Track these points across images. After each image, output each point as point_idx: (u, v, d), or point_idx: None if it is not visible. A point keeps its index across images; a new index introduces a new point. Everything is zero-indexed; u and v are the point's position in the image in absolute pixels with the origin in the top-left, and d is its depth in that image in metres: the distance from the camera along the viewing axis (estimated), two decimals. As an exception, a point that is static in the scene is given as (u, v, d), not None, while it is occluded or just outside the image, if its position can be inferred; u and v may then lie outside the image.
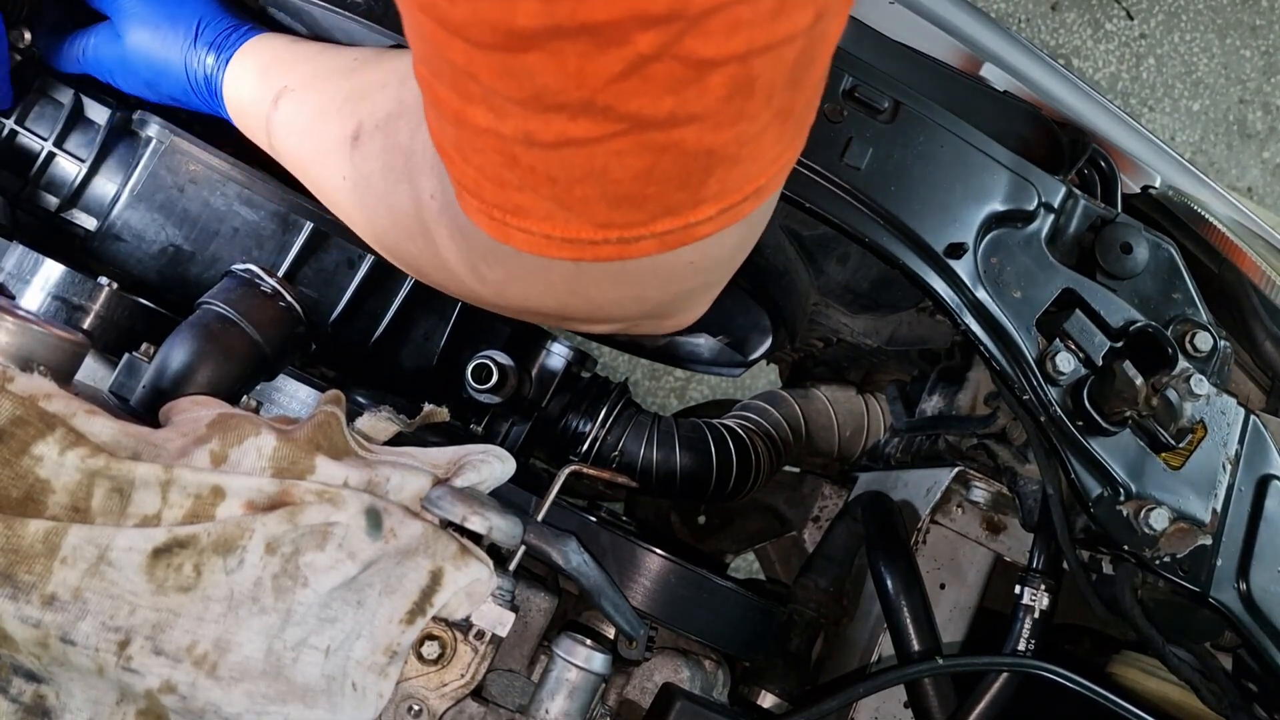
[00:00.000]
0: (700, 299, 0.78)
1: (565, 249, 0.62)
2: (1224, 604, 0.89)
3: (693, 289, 0.74)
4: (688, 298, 0.76)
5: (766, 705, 1.04)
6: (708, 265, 0.70)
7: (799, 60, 0.53)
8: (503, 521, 0.77)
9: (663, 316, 0.78)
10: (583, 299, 0.71)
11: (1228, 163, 3.07)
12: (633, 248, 0.61)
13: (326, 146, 0.82)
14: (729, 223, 0.62)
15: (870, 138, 0.85)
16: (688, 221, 0.60)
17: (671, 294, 0.73)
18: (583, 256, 0.62)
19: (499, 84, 0.52)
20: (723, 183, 0.59)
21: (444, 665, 0.79)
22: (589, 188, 0.57)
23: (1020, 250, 0.88)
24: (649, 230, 0.60)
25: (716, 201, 0.60)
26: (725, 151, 0.56)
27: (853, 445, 1.36)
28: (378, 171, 0.78)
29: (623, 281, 0.68)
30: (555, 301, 0.73)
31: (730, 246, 0.70)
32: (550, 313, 0.76)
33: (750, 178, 0.60)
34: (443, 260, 0.77)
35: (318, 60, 0.88)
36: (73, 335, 0.75)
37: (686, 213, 0.60)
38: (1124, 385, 0.85)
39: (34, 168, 1.01)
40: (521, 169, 0.57)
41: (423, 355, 1.13)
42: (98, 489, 0.67)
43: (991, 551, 1.08)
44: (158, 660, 0.66)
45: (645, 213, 0.59)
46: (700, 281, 0.73)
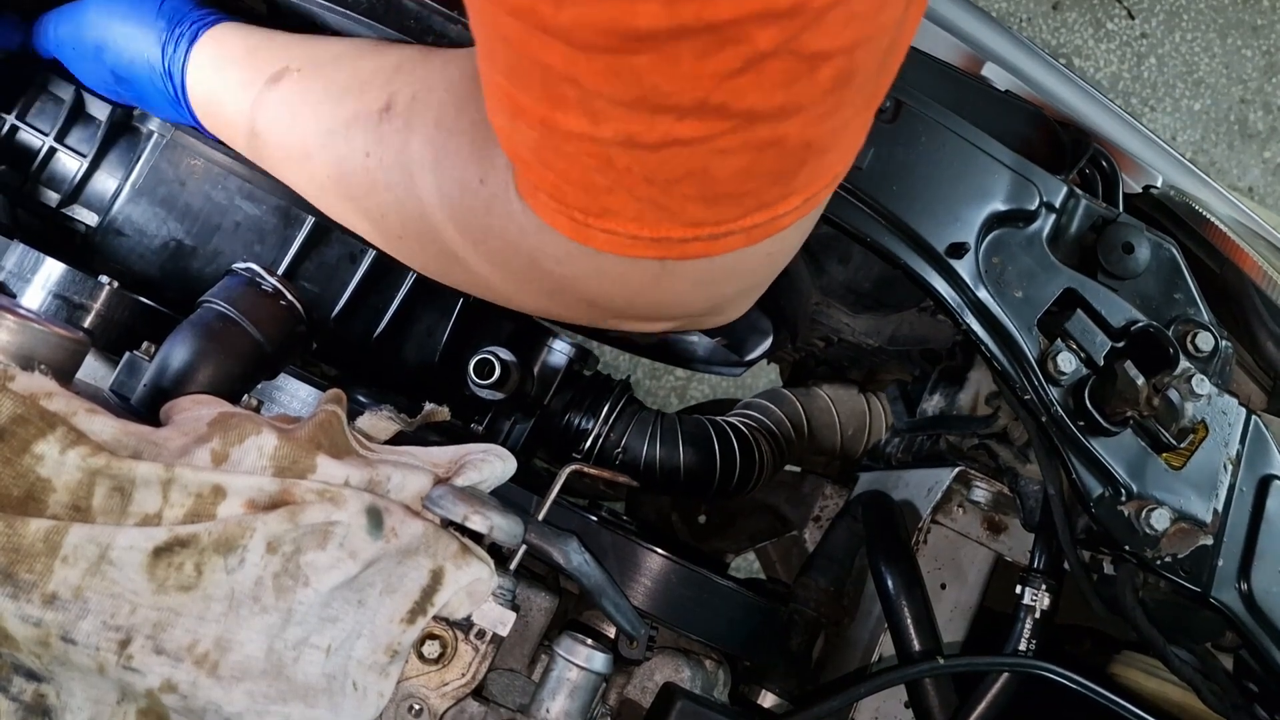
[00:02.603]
0: (756, 293, 0.78)
1: (653, 249, 0.61)
2: (1225, 604, 0.89)
3: (757, 283, 0.74)
4: (748, 292, 0.76)
5: (767, 705, 1.04)
6: (781, 256, 0.71)
7: (890, 48, 0.54)
8: (504, 521, 0.77)
9: (717, 314, 0.77)
10: (652, 296, 0.70)
11: (1229, 162, 3.07)
12: (720, 243, 0.61)
13: (344, 121, 0.78)
14: (808, 212, 0.62)
15: (872, 137, 0.84)
16: (776, 214, 0.60)
17: (740, 288, 0.73)
18: (669, 255, 0.62)
19: (603, 86, 0.51)
20: (812, 173, 0.59)
21: (445, 664, 0.79)
22: (688, 187, 0.56)
23: (1022, 250, 0.88)
24: (739, 225, 0.60)
25: (804, 192, 0.60)
26: (821, 142, 0.56)
27: (854, 444, 1.36)
28: (410, 145, 0.74)
29: (702, 278, 0.68)
30: (624, 300, 0.71)
31: (801, 234, 0.70)
32: (608, 309, 0.74)
33: (834, 165, 0.60)
34: (452, 253, 0.75)
35: (314, 45, 0.85)
36: (74, 334, 0.75)
37: (777, 205, 0.60)
38: (1125, 385, 0.85)
39: (35, 163, 1.01)
40: (616, 172, 0.56)
41: (425, 351, 1.13)
42: (99, 488, 0.67)
43: (992, 551, 1.08)
44: (158, 659, 0.66)
45: (740, 208, 0.59)
46: (768, 273, 0.73)
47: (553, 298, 0.74)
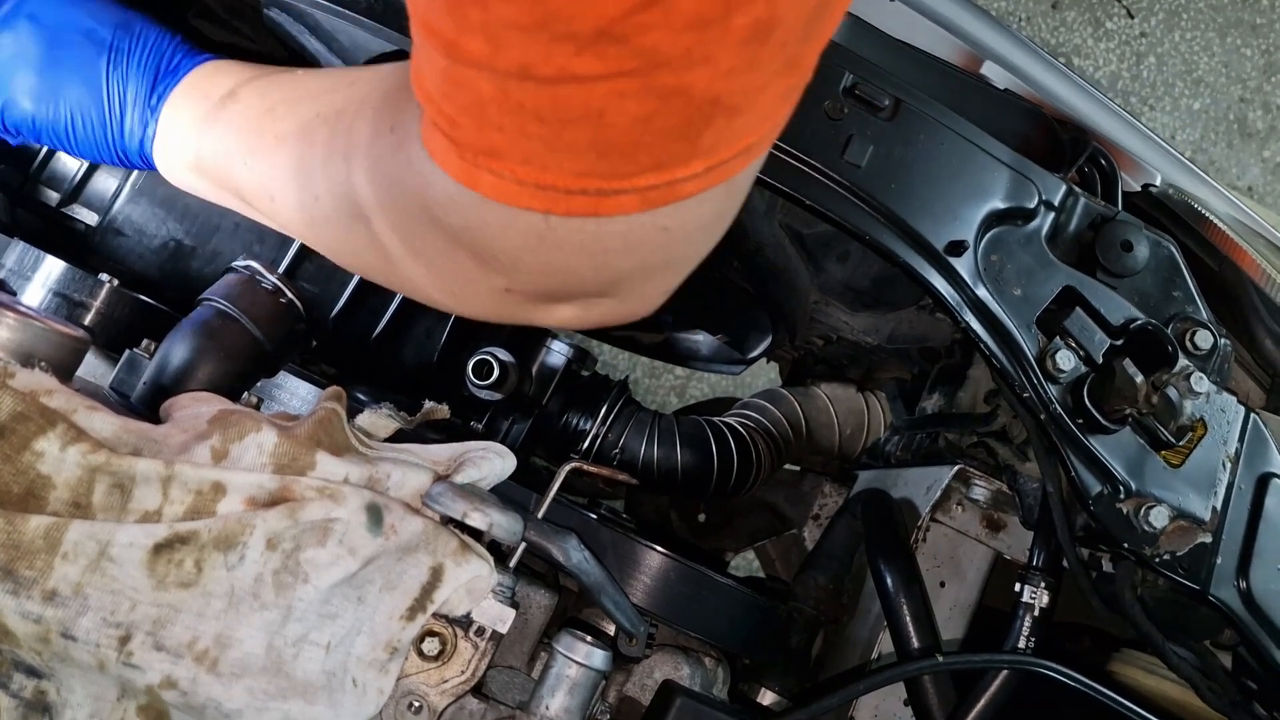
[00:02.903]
0: (660, 281, 0.73)
1: (537, 198, 0.58)
2: (1224, 602, 0.89)
3: (657, 265, 0.69)
4: (649, 276, 0.71)
5: (766, 703, 1.04)
6: (680, 235, 0.65)
7: (819, 9, 0.52)
8: (503, 518, 0.77)
9: (613, 296, 0.72)
10: (537, 257, 0.65)
11: (1228, 161, 3.07)
12: (610, 201, 0.58)
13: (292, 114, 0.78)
14: (714, 182, 0.59)
15: (871, 135, 0.85)
16: (674, 177, 0.57)
17: (635, 265, 0.68)
18: (554, 209, 0.59)
19: (506, 7, 0.49)
20: (720, 135, 0.56)
21: (444, 662, 0.79)
22: (580, 131, 0.54)
23: (1020, 248, 0.88)
24: (632, 184, 0.57)
25: (708, 156, 0.57)
26: (730, 100, 0.54)
27: (853, 443, 1.36)
28: (353, 130, 0.73)
29: (589, 244, 0.63)
30: (508, 259, 0.66)
31: (706, 216, 0.66)
32: (496, 272, 0.69)
33: (745, 132, 0.57)
34: (375, 237, 0.72)
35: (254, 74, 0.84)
36: (74, 331, 0.75)
37: (676, 167, 0.57)
38: (1124, 383, 0.85)
39: (35, 162, 1.01)
40: (509, 105, 0.54)
41: (423, 352, 1.13)
42: (99, 485, 0.67)
43: (991, 549, 1.08)
44: (158, 656, 0.66)
45: (634, 164, 0.56)
46: (667, 256, 0.68)
47: (444, 259, 0.70)
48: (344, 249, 0.78)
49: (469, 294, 0.72)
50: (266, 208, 0.81)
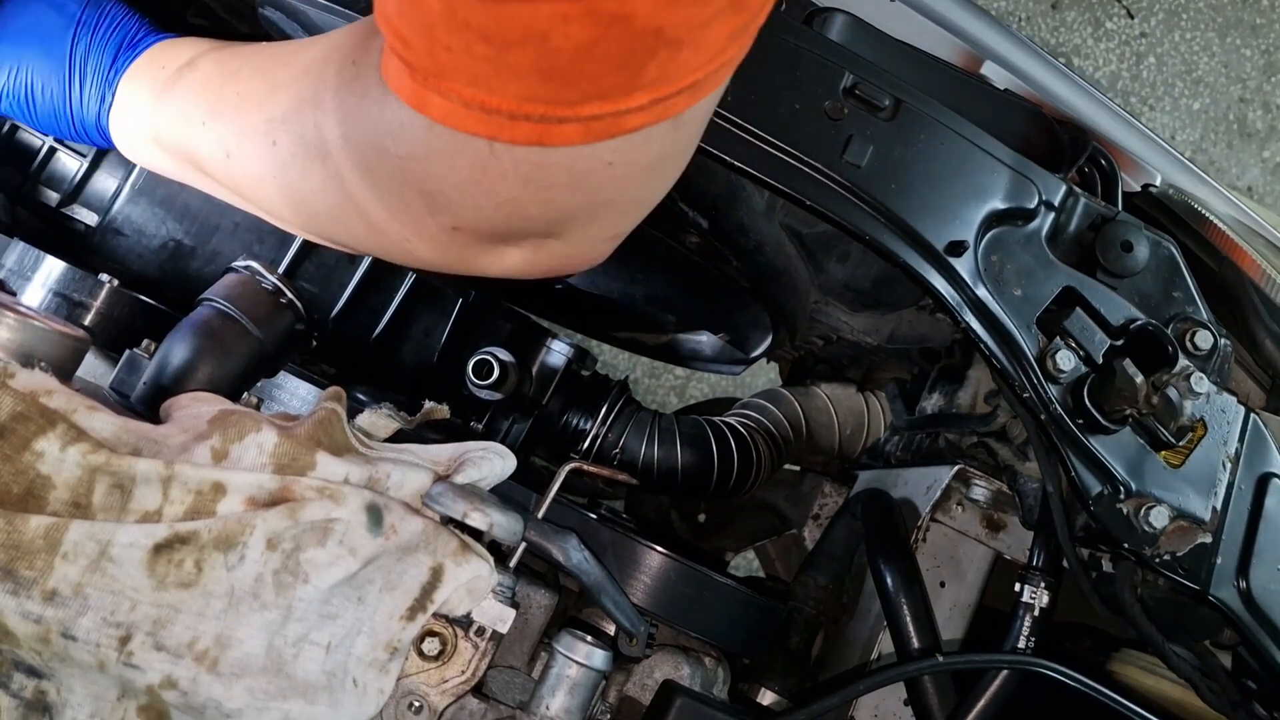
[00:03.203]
0: (607, 223, 0.72)
1: (482, 122, 0.58)
2: (1224, 602, 0.89)
3: (603, 203, 0.68)
4: (595, 215, 0.70)
5: (766, 703, 1.04)
6: (626, 173, 0.65)
7: None
8: (503, 518, 0.77)
9: (559, 235, 0.71)
10: (483, 188, 0.65)
11: (1228, 161, 3.08)
12: (554, 130, 0.58)
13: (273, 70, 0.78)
14: (659, 117, 0.59)
15: (871, 135, 0.85)
16: (619, 108, 0.57)
17: (580, 203, 0.67)
18: (499, 135, 0.59)
19: None
20: (663, 68, 0.56)
21: (445, 662, 0.79)
22: (524, 54, 0.54)
23: (1021, 248, 0.88)
24: (575, 112, 0.57)
25: (652, 89, 0.57)
26: (673, 32, 0.54)
27: (853, 443, 1.36)
28: (323, 77, 0.73)
29: (533, 175, 0.63)
30: (455, 190, 0.66)
31: (652, 155, 0.65)
32: (442, 204, 0.68)
33: (690, 68, 0.57)
34: (342, 181, 0.71)
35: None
36: (74, 331, 0.75)
37: (620, 98, 0.57)
38: (1124, 383, 0.85)
39: (34, 163, 1.01)
40: (456, 23, 0.54)
41: (423, 351, 1.13)
42: (99, 485, 0.67)
43: (991, 549, 1.08)
44: (159, 656, 0.66)
45: (578, 91, 0.56)
46: (613, 195, 0.68)
47: (394, 196, 0.70)
48: (299, 195, 0.77)
49: (418, 235, 0.72)
50: (222, 168, 0.81)
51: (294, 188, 0.76)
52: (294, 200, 0.78)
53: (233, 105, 0.78)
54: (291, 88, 0.74)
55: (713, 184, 0.97)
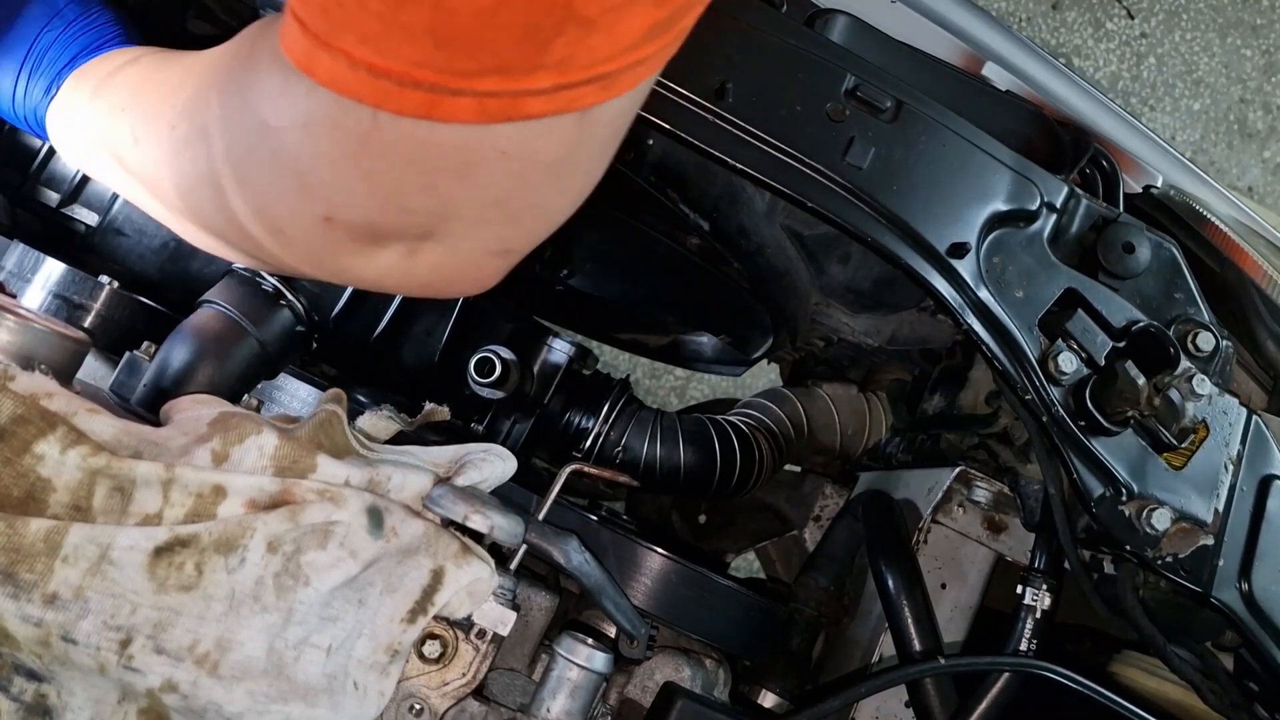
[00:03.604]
0: (495, 231, 0.65)
1: (368, 86, 0.54)
2: (1226, 604, 0.89)
3: (492, 202, 0.62)
4: (482, 217, 0.64)
5: (767, 705, 1.04)
6: (520, 168, 0.60)
7: None
8: (504, 520, 0.77)
9: (447, 245, 0.65)
10: (364, 173, 0.60)
11: (1228, 162, 3.07)
12: (445, 103, 0.54)
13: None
14: (563, 107, 0.55)
15: (872, 137, 0.85)
16: (519, 87, 0.53)
17: (466, 197, 0.61)
18: (384, 103, 0.55)
19: None
20: (571, 48, 0.52)
21: (445, 664, 0.79)
22: (419, 12, 0.50)
23: (1023, 250, 0.88)
24: (470, 85, 0.53)
25: (557, 72, 0.53)
26: (585, 10, 0.51)
27: (854, 443, 1.36)
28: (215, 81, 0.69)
29: (418, 155, 0.58)
30: (330, 169, 0.60)
31: (552, 152, 0.60)
32: (318, 202, 0.63)
33: (601, 56, 0.54)
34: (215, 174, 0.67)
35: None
36: (74, 333, 0.75)
37: (520, 76, 0.53)
38: (1126, 385, 0.85)
39: (34, 163, 1.01)
40: None
41: (424, 352, 1.13)
42: (99, 488, 0.67)
43: (993, 551, 1.08)
44: (159, 659, 0.66)
45: (475, 61, 0.52)
46: (504, 192, 0.62)
47: (268, 180, 0.64)
48: (183, 181, 0.72)
49: (291, 226, 0.66)
50: (132, 157, 0.77)
51: (182, 174, 0.72)
52: (181, 189, 0.73)
53: (150, 94, 0.76)
54: (200, 74, 0.71)
55: (713, 186, 0.97)
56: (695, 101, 0.81)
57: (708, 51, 0.82)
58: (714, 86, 0.82)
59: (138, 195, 0.80)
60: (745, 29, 0.83)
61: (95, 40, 0.86)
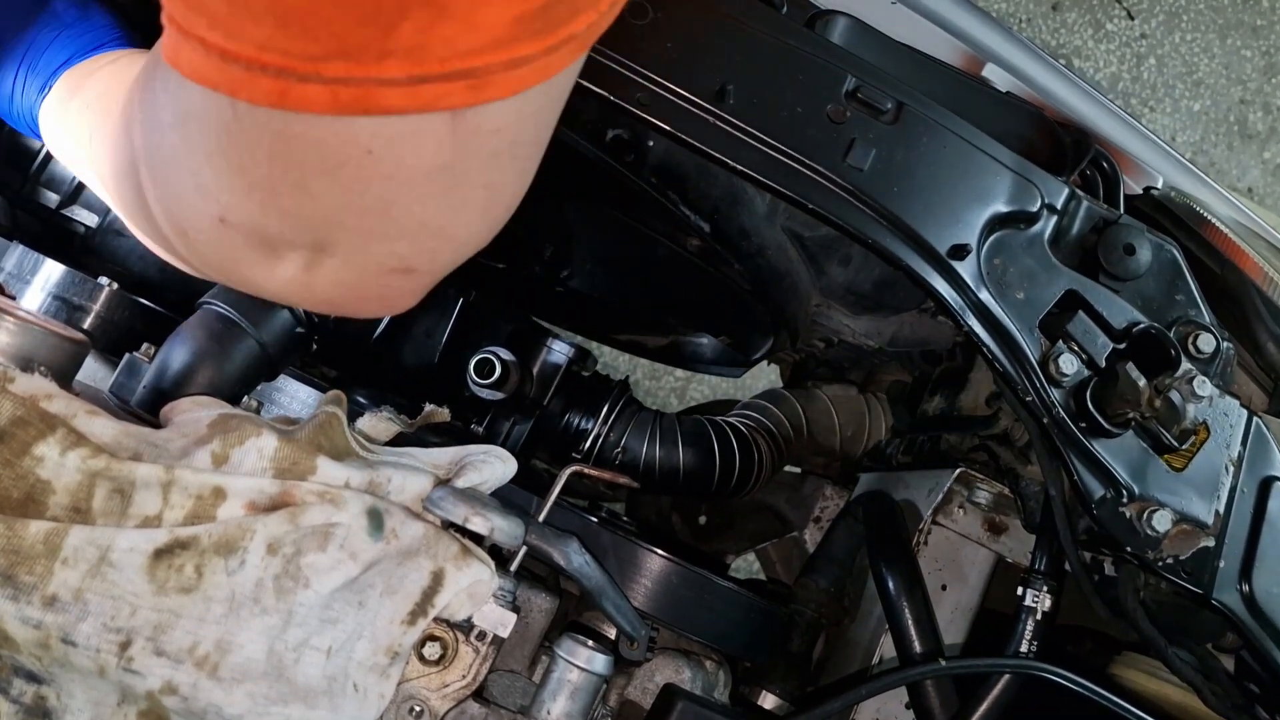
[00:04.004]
0: (386, 248, 0.61)
1: (223, 74, 0.52)
2: (1226, 605, 0.89)
3: (373, 211, 0.59)
4: (370, 231, 0.60)
5: (768, 706, 1.04)
6: (393, 172, 0.56)
7: None
8: (504, 522, 0.77)
9: (340, 258, 0.62)
10: (232, 166, 0.57)
11: (1228, 163, 3.07)
12: (295, 90, 0.51)
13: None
14: (423, 104, 0.52)
15: (873, 139, 0.84)
16: (368, 74, 0.51)
17: (343, 202, 0.58)
18: (238, 91, 0.52)
19: None
20: (421, 35, 0.49)
21: (445, 666, 0.79)
22: None
23: (1023, 251, 0.87)
24: (318, 70, 0.50)
25: (408, 61, 0.50)
26: None
27: (854, 445, 1.36)
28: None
29: (279, 148, 0.55)
30: (208, 165, 0.58)
31: (428, 160, 0.56)
32: (209, 200, 0.60)
33: (460, 49, 0.50)
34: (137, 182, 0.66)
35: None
36: (74, 335, 0.75)
37: (369, 62, 0.50)
38: (1127, 387, 0.85)
39: (34, 164, 1.01)
40: None
41: (424, 353, 1.13)
42: (99, 490, 0.67)
43: (993, 553, 1.08)
44: (159, 661, 0.65)
45: (318, 45, 0.50)
46: (382, 199, 0.58)
47: (168, 173, 0.62)
48: (115, 177, 0.71)
49: (193, 229, 0.63)
50: (88, 149, 0.77)
51: (114, 170, 0.71)
52: (113, 185, 0.72)
53: (111, 92, 0.75)
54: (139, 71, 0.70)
55: (714, 187, 0.97)
56: (696, 103, 0.81)
57: (708, 53, 0.82)
58: (714, 88, 0.82)
59: (100, 192, 0.80)
60: (745, 31, 0.83)
61: (92, 43, 0.86)
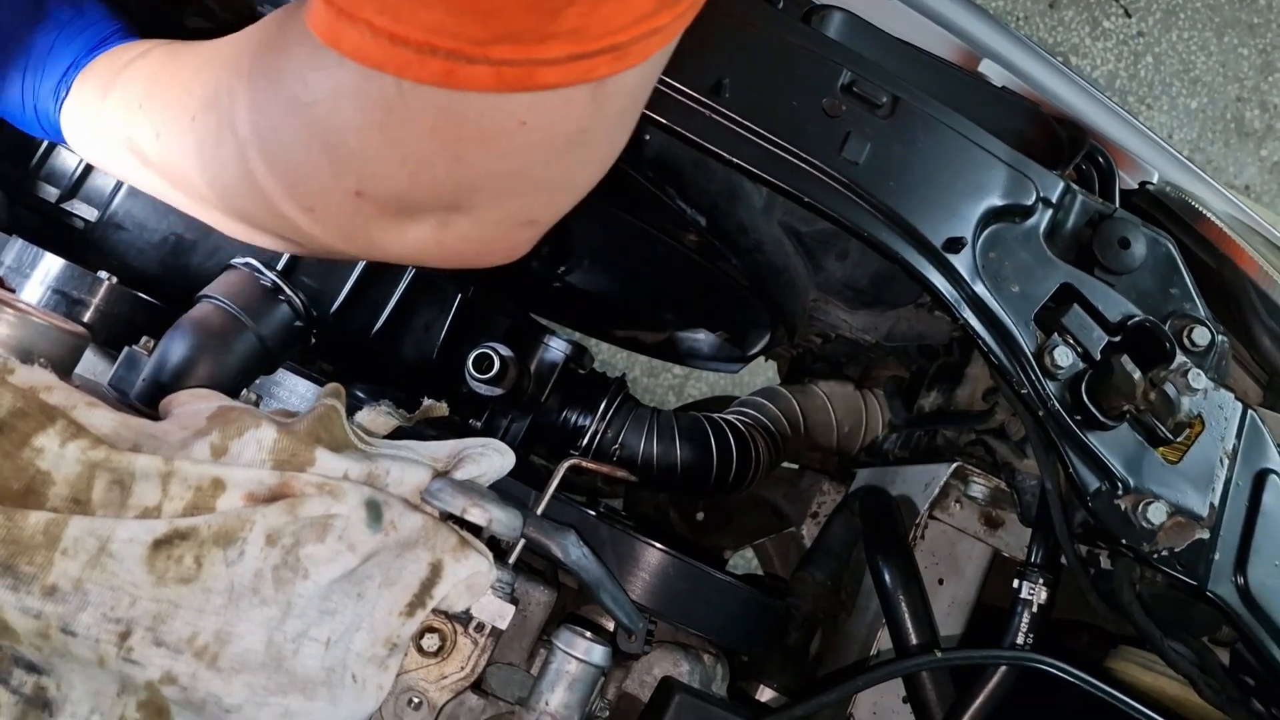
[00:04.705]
0: (520, 203, 0.67)
1: (389, 55, 0.55)
2: (1221, 598, 0.89)
3: (515, 172, 0.64)
4: (508, 186, 0.65)
5: (765, 700, 1.04)
6: (541, 139, 0.61)
7: None
8: (502, 514, 0.78)
9: (475, 216, 0.67)
10: (391, 142, 0.61)
11: (1225, 160, 3.08)
12: (463, 71, 0.55)
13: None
14: (577, 77, 0.56)
15: (869, 133, 0.85)
16: (532, 56, 0.55)
17: (490, 167, 0.63)
18: (405, 71, 0.56)
19: None
20: (583, 18, 0.53)
21: (444, 657, 0.79)
22: None
23: (1019, 245, 0.88)
24: (486, 53, 0.54)
25: (569, 41, 0.54)
26: None
27: (851, 441, 1.36)
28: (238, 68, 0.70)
29: (441, 124, 0.59)
30: (357, 139, 0.62)
31: (569, 124, 0.61)
32: (349, 176, 0.64)
33: (613, 26, 0.54)
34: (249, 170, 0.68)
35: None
36: (73, 327, 0.75)
37: (533, 44, 0.54)
38: (1122, 380, 0.86)
39: (34, 158, 1.01)
40: None
41: (423, 347, 1.13)
42: (98, 481, 0.67)
43: (990, 546, 1.08)
44: (158, 651, 0.66)
45: (488, 29, 0.53)
46: (525, 162, 0.63)
47: (297, 156, 0.65)
48: (210, 170, 0.73)
49: (322, 204, 0.67)
50: (154, 151, 0.78)
51: (208, 164, 0.73)
52: (208, 178, 0.74)
53: (166, 87, 0.77)
54: (217, 63, 0.72)
55: (711, 182, 0.97)
56: (693, 97, 0.82)
57: (705, 48, 0.82)
58: (711, 83, 0.82)
59: (161, 189, 0.81)
60: (742, 25, 0.83)
61: (94, 38, 0.86)
